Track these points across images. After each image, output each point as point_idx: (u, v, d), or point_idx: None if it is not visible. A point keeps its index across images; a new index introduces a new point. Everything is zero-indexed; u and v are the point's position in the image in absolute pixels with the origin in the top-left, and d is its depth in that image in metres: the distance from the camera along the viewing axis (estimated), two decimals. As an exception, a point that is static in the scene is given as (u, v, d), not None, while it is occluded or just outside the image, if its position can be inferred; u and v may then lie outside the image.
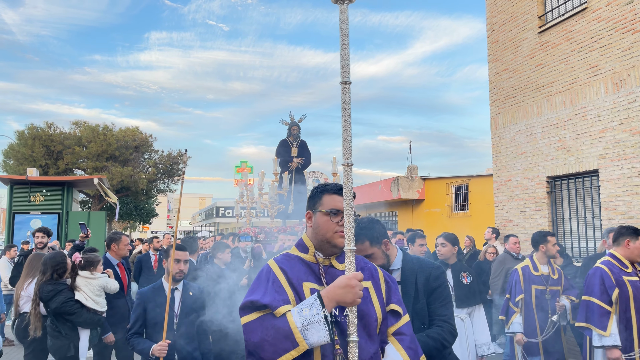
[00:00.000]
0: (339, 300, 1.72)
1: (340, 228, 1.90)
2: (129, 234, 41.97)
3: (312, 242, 1.99)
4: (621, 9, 7.16)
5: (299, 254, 1.99)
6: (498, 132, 9.63)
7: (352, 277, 1.73)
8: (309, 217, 2.03)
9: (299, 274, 1.89)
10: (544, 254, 4.91)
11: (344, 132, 1.76)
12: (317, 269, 1.94)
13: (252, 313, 1.78)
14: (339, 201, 1.91)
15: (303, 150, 9.50)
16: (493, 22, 9.89)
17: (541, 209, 8.50)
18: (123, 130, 30.15)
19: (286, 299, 1.80)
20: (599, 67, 7.48)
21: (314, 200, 2.02)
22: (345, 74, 1.75)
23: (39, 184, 15.67)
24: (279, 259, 1.97)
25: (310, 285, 1.88)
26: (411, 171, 18.08)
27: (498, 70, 9.67)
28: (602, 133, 7.36)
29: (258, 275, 1.92)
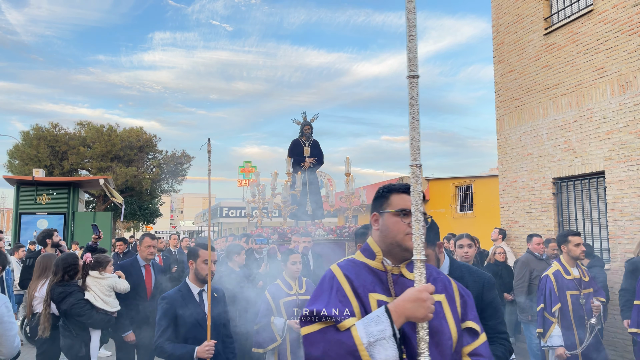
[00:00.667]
0: (408, 316, 1.56)
1: (411, 230, 1.68)
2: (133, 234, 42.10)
3: (380, 247, 1.80)
4: (627, 12, 7.18)
5: (364, 260, 1.81)
6: (504, 133, 9.65)
7: (422, 289, 1.57)
8: (375, 220, 1.85)
9: (365, 283, 1.71)
10: (568, 256, 4.64)
11: (411, 130, 1.63)
12: (385, 278, 1.75)
13: (313, 324, 1.63)
14: (410, 201, 1.71)
15: (315, 150, 9.38)
16: (499, 24, 9.91)
17: (547, 210, 8.53)
18: (127, 130, 30.26)
19: (351, 310, 1.64)
20: (605, 69, 7.50)
21: (380, 201, 1.86)
22: (412, 67, 1.63)
23: (45, 184, 15.76)
24: (343, 265, 1.80)
25: (377, 297, 1.69)
26: (415, 172, 18.08)
27: (504, 71, 9.70)
28: (608, 135, 7.39)
29: (320, 282, 1.77)
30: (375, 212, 1.87)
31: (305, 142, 9.26)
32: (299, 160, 9.10)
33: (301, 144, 9.27)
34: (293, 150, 9.23)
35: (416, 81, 1.64)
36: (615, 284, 7.10)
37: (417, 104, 1.63)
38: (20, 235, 14.84)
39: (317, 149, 9.36)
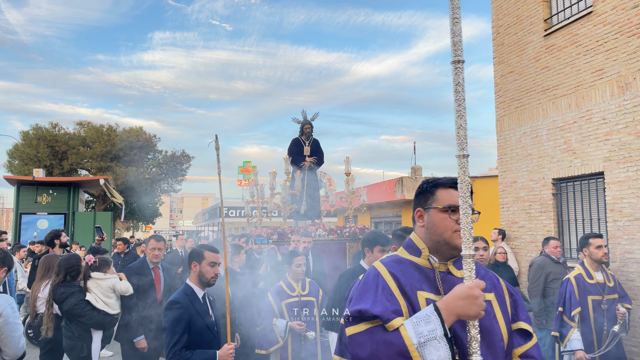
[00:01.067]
0: (459, 314, 1.49)
1: (460, 227, 1.62)
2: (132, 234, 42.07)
3: (426, 244, 1.73)
4: (627, 13, 7.21)
5: (410, 257, 1.74)
6: (503, 134, 9.69)
7: (473, 286, 1.50)
8: (420, 216, 1.78)
9: (412, 281, 1.64)
10: (591, 259, 4.52)
11: (458, 118, 1.54)
12: (432, 276, 1.68)
13: (359, 324, 1.55)
14: (457, 196, 1.64)
15: (316, 149, 9.26)
16: (499, 25, 9.95)
17: (547, 211, 8.57)
18: (127, 130, 30.28)
19: (398, 309, 1.56)
20: (604, 70, 7.54)
21: (425, 196, 1.78)
22: (457, 51, 1.54)
23: (45, 184, 15.77)
24: (387, 262, 1.72)
25: (425, 295, 1.61)
26: (415, 172, 18.13)
27: (504, 72, 9.73)
28: (608, 136, 7.42)
29: (364, 280, 1.69)
30: (420, 207, 1.79)
31: (306, 141, 9.15)
32: (299, 160, 8.98)
33: (301, 142, 9.16)
34: (293, 149, 9.12)
35: (461, 66, 1.55)
36: (614, 284, 7.14)
37: (463, 90, 1.54)
38: (21, 236, 14.86)
39: (317, 148, 9.27)
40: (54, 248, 6.58)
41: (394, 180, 17.56)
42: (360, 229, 8.23)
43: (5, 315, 3.19)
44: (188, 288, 3.39)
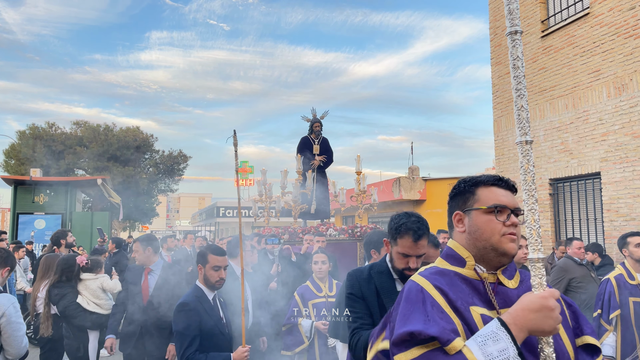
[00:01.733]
0: (531, 329, 1.30)
1: (508, 229, 1.45)
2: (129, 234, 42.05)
3: (470, 251, 1.52)
4: (623, 15, 7.27)
5: (453, 268, 1.53)
6: (501, 134, 9.74)
7: (547, 295, 1.31)
8: (459, 220, 1.57)
9: (462, 295, 1.44)
10: (632, 259, 4.27)
11: (517, 98, 1.35)
12: (482, 288, 1.47)
13: (412, 349, 1.34)
14: (502, 195, 1.49)
15: (325, 148, 9.09)
16: (496, 26, 10.00)
17: (544, 211, 8.62)
18: (124, 130, 30.23)
19: (454, 328, 1.35)
20: (601, 71, 7.59)
21: (463, 197, 1.58)
22: (513, 20, 1.35)
23: (42, 184, 15.75)
24: (428, 275, 1.52)
25: (479, 311, 1.41)
26: (412, 172, 18.20)
27: (501, 73, 9.78)
28: (604, 136, 7.48)
29: (405, 297, 1.48)
30: (459, 210, 1.59)
31: (315, 139, 9.02)
32: (308, 159, 8.84)
33: (310, 141, 9.01)
34: (302, 148, 8.96)
35: (519, 38, 1.35)
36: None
37: (522, 65, 1.34)
38: (18, 236, 14.82)
39: (326, 147, 9.12)
40: (60, 248, 6.59)
41: (392, 181, 17.61)
42: (371, 228, 8.12)
43: (8, 314, 3.21)
44: (198, 290, 3.27)
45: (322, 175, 8.96)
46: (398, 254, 2.42)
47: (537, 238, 1.34)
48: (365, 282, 2.55)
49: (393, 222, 2.48)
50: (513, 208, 1.47)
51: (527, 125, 1.34)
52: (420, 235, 2.36)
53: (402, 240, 2.40)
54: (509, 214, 1.47)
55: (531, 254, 1.34)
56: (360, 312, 2.49)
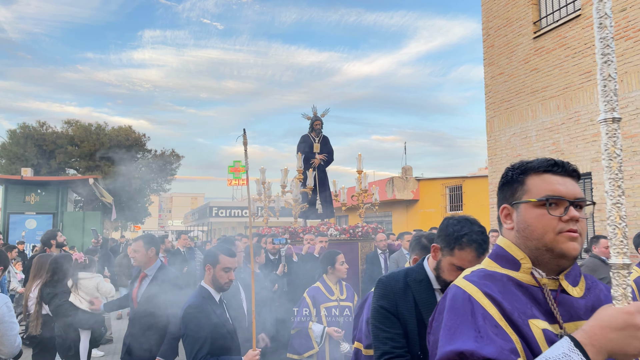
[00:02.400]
0: (612, 351, 1.05)
1: (566, 225, 1.21)
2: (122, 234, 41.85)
3: (525, 252, 1.27)
4: (615, 16, 7.35)
5: (504, 271, 1.28)
6: (493, 134, 9.80)
7: (634, 311, 1.05)
8: (507, 215, 1.32)
9: (519, 305, 1.20)
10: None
11: (603, 65, 1.08)
12: (541, 297, 1.23)
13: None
14: (558, 183, 1.25)
15: (325, 146, 8.92)
16: (489, 27, 10.06)
17: (535, 211, 8.70)
18: (116, 129, 30.10)
19: (513, 347, 1.13)
20: (592, 72, 7.67)
21: (511, 188, 1.32)
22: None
23: (33, 183, 15.64)
24: (476, 280, 1.27)
25: (541, 325, 1.17)
26: (406, 172, 18.26)
27: (494, 74, 9.85)
28: (595, 137, 7.56)
29: (450, 306, 1.24)
30: (506, 204, 1.34)
31: (315, 137, 8.83)
32: (309, 157, 8.66)
33: (311, 139, 8.83)
34: (302, 147, 8.78)
35: None
36: (601, 283, 7.27)
37: (610, 24, 1.09)
38: (9, 235, 14.71)
39: (327, 145, 8.96)
40: (50, 248, 6.56)
41: (385, 180, 17.66)
42: (373, 228, 8.00)
43: (1, 314, 3.19)
44: (205, 291, 3.17)
45: (323, 174, 8.84)
46: (451, 266, 2.05)
47: (623, 239, 1.08)
48: (401, 293, 2.14)
49: (452, 229, 2.09)
50: (573, 199, 1.21)
51: (615, 99, 1.09)
52: (484, 250, 2.02)
53: (462, 253, 2.05)
54: (567, 207, 1.22)
55: (614, 258, 1.09)
56: (392, 331, 2.07)
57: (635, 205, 6.92)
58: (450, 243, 2.07)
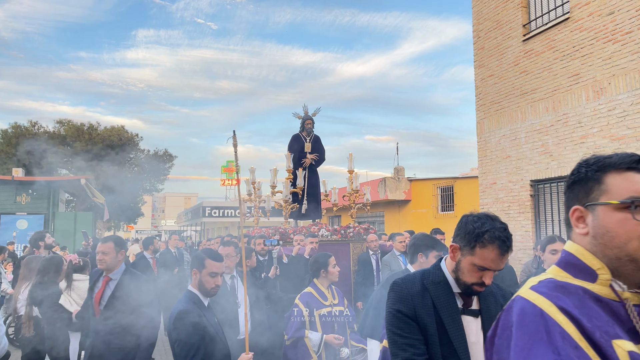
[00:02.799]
0: None
1: None
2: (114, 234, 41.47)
3: (602, 261, 1.12)
4: (602, 20, 7.44)
5: (578, 283, 1.12)
6: (484, 136, 9.88)
7: None
8: (579, 217, 1.16)
9: (600, 323, 1.05)
10: None
11: None
12: (623, 313, 1.09)
13: None
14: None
15: (317, 146, 8.78)
16: (479, 29, 10.14)
17: (525, 212, 8.77)
18: (109, 129, 29.98)
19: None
20: (580, 75, 7.75)
21: (586, 186, 1.16)
22: None
23: (24, 184, 15.55)
24: (546, 292, 1.10)
25: (626, 346, 1.03)
26: (398, 172, 18.33)
27: (484, 76, 9.92)
28: (583, 139, 7.64)
29: (519, 323, 1.08)
30: (578, 205, 1.17)
31: (307, 137, 8.70)
32: (300, 157, 8.53)
33: (302, 139, 8.70)
34: (293, 146, 8.64)
35: None
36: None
37: None
38: (0, 236, 14.62)
39: (318, 145, 8.83)
40: (39, 249, 6.55)
41: (377, 181, 17.72)
42: (364, 229, 7.90)
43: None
44: (194, 295, 3.06)
45: (314, 173, 8.70)
46: (472, 266, 1.91)
47: None
48: (418, 296, 1.98)
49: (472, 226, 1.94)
50: None
51: None
52: (508, 247, 1.90)
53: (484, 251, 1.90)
54: None
55: None
56: (412, 337, 1.92)
57: (622, 207, 7.01)
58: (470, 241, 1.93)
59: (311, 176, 8.59)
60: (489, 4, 9.85)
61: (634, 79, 6.92)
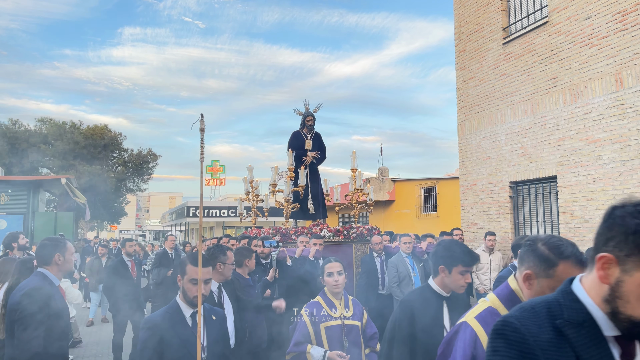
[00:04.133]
0: None
1: None
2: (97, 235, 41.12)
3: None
4: (580, 24, 7.56)
5: None
6: (465, 137, 9.98)
7: None
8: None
9: None
10: None
11: None
12: None
13: None
14: None
15: (318, 143, 8.48)
16: (461, 32, 10.24)
17: (504, 213, 8.88)
18: (91, 128, 29.64)
19: None
20: (558, 78, 7.87)
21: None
22: None
23: (4, 183, 15.30)
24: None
25: None
26: (382, 173, 18.42)
27: (465, 78, 10.02)
28: (561, 141, 7.76)
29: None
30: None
31: (307, 134, 8.40)
32: (300, 154, 8.17)
33: (302, 136, 8.38)
34: (293, 143, 8.31)
35: None
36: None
37: None
38: (-23, 236, 14.36)
39: (319, 142, 8.54)
40: (12, 251, 6.46)
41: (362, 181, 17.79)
42: (368, 229, 7.59)
43: None
44: (174, 305, 2.86)
45: (315, 172, 8.39)
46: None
47: None
48: (553, 350, 1.17)
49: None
50: None
51: None
52: None
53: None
54: None
55: None
56: None
57: (597, 209, 7.13)
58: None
59: (312, 175, 8.27)
60: (470, 7, 9.96)
61: (610, 83, 7.06)
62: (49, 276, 3.36)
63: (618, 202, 1.19)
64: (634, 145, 6.66)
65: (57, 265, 3.40)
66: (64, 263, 3.42)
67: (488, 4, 9.46)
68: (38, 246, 3.63)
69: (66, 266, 3.43)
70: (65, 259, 3.39)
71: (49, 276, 3.36)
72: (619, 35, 6.95)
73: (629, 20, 6.83)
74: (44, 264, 3.43)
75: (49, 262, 3.41)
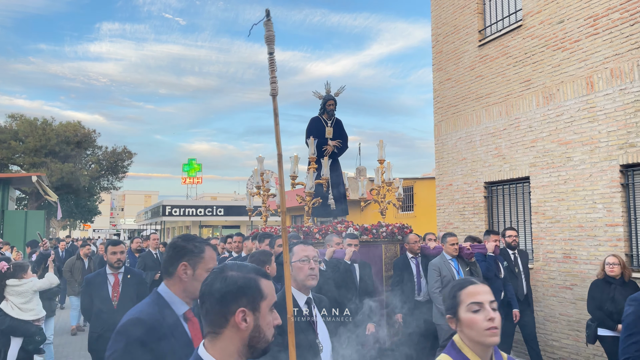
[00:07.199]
0: None
1: None
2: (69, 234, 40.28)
3: None
4: (553, 28, 7.71)
5: None
6: (441, 138, 10.09)
7: None
8: None
9: None
10: None
11: None
12: None
13: None
14: None
15: (339, 131, 7.69)
16: (437, 34, 10.34)
17: (479, 213, 9.01)
18: (64, 124, 28.97)
19: None
20: (531, 81, 8.02)
21: None
22: None
23: (-29, 181, 14.85)
24: None
25: None
26: (360, 172, 18.50)
27: (442, 79, 10.13)
28: (533, 143, 7.91)
29: None
30: None
31: (328, 120, 7.62)
32: (320, 143, 7.37)
33: (323, 122, 7.60)
34: (312, 131, 7.47)
35: None
36: (537, 282, 7.63)
37: None
38: (-58, 236, 13.91)
39: (340, 130, 7.75)
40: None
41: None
42: (399, 228, 7.00)
43: None
44: None
45: (336, 164, 7.64)
46: None
47: None
48: None
49: None
50: None
51: None
52: None
53: None
54: None
55: None
56: None
57: (569, 209, 7.29)
58: None
59: (333, 166, 7.48)
60: (447, 9, 10.07)
61: (581, 86, 7.22)
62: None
63: None
64: (604, 147, 6.83)
65: None
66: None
67: (464, 6, 9.57)
68: None
69: None
70: None
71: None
72: (590, 40, 7.11)
73: (600, 25, 7.00)
74: None
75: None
